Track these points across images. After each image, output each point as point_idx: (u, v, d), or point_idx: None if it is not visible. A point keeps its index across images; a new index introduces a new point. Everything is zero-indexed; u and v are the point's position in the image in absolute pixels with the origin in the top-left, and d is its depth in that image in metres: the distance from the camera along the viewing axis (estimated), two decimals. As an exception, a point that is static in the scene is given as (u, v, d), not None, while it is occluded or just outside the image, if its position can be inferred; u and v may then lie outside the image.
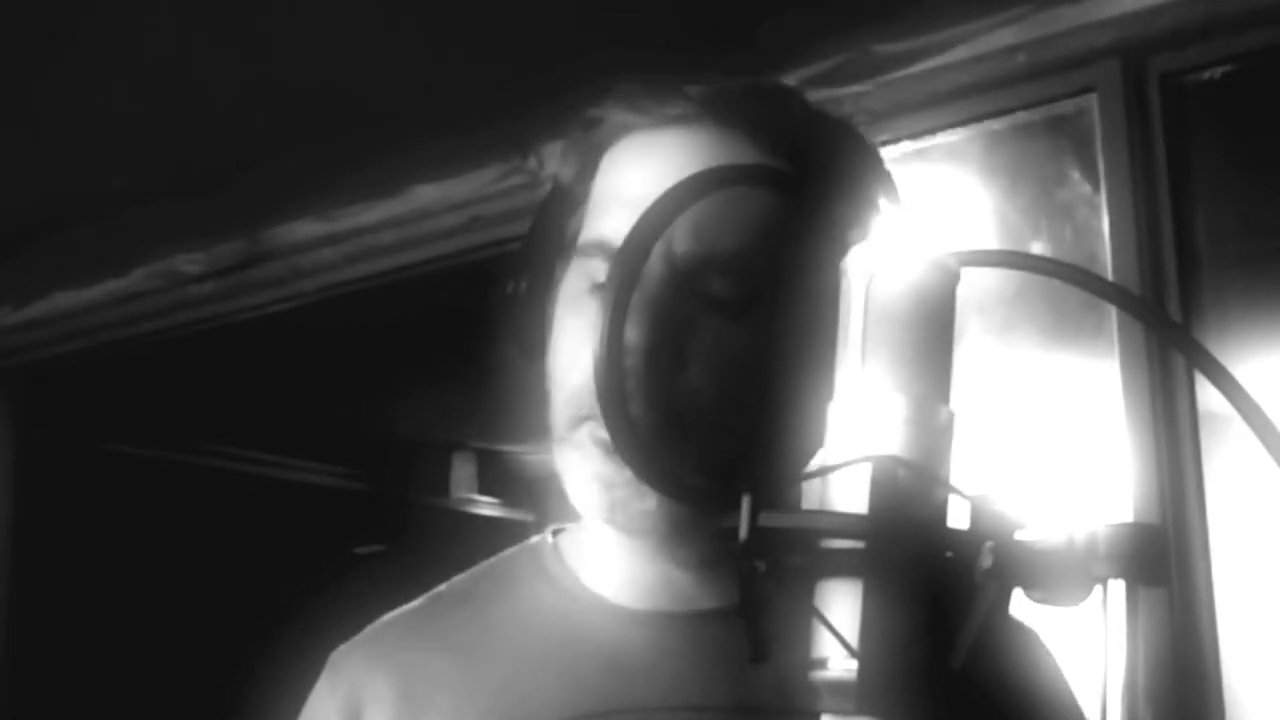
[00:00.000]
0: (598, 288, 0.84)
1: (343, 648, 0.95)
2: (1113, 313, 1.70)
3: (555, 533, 0.97)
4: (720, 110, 0.85)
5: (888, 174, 0.91)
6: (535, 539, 0.97)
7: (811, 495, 0.66)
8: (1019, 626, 0.95)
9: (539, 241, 0.90)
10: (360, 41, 2.04)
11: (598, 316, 0.70)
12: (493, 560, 0.98)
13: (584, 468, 0.84)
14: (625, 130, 0.87)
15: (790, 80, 1.93)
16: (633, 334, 0.79)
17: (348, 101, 2.20)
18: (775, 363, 0.83)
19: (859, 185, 0.86)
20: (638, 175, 0.85)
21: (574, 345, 0.85)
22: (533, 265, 0.89)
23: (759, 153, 0.84)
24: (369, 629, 0.96)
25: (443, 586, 0.97)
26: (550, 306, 0.89)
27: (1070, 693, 0.96)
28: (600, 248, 0.85)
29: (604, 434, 0.80)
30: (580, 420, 0.84)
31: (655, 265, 0.81)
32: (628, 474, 0.78)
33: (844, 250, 0.71)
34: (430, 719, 0.88)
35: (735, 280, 0.82)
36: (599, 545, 0.92)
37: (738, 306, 0.83)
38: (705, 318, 0.82)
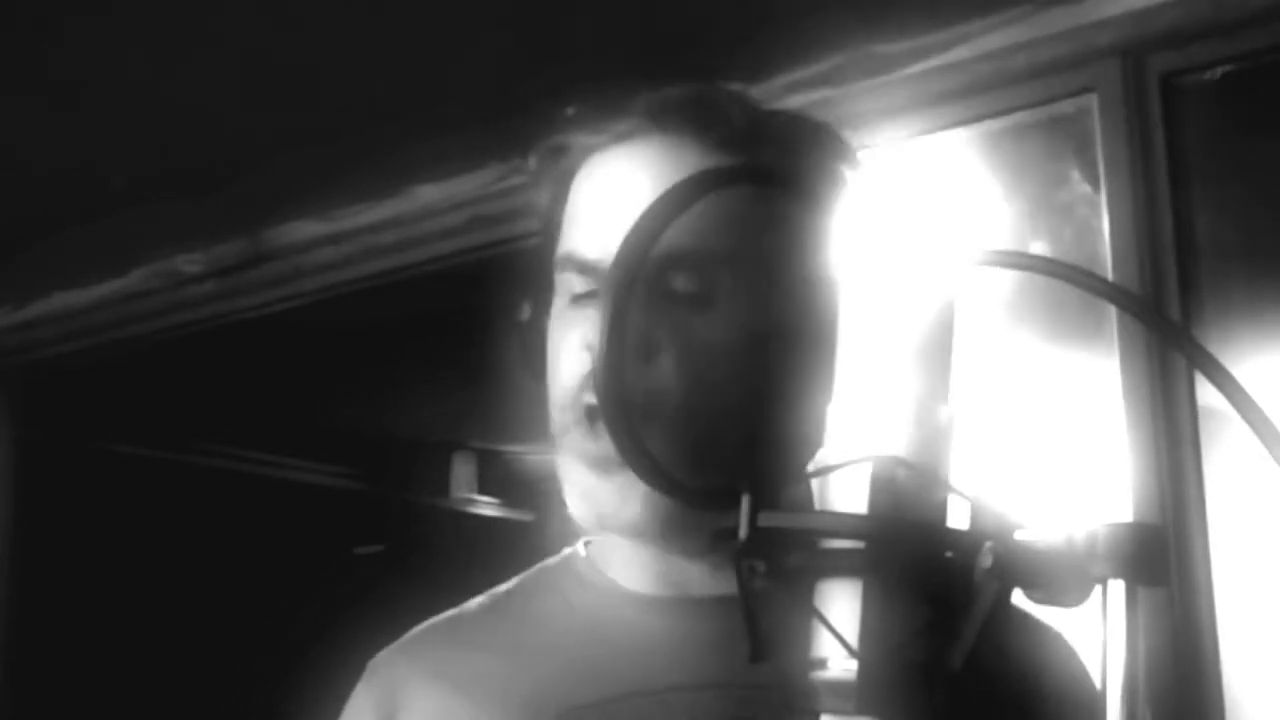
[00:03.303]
0: (576, 299, 0.89)
1: (381, 653, 0.99)
2: (1113, 313, 1.70)
3: (587, 544, 1.00)
4: (665, 119, 0.90)
5: (850, 153, 0.94)
6: (568, 550, 1.01)
7: (811, 495, 0.66)
8: (1040, 626, 0.96)
9: (535, 269, 0.95)
10: (360, 41, 2.04)
11: (596, 326, 0.71)
12: (525, 573, 1.02)
13: (573, 481, 0.89)
14: (588, 152, 0.93)
15: (791, 80, 1.93)
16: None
17: (348, 101, 2.20)
18: (751, 353, 0.87)
19: (817, 172, 0.90)
20: (598, 191, 0.91)
21: (559, 356, 0.90)
22: (532, 293, 0.95)
23: (707, 154, 0.88)
24: (406, 635, 0.99)
25: (478, 598, 1.01)
26: (545, 327, 0.93)
27: (1093, 693, 0.94)
28: (570, 261, 0.90)
29: (585, 445, 0.86)
30: (567, 426, 0.88)
31: None
32: (609, 486, 0.86)
33: (814, 235, 0.71)
34: (464, 713, 0.90)
35: (695, 275, 0.87)
36: (621, 544, 0.95)
37: (700, 300, 0.87)
38: (670, 313, 0.86)
